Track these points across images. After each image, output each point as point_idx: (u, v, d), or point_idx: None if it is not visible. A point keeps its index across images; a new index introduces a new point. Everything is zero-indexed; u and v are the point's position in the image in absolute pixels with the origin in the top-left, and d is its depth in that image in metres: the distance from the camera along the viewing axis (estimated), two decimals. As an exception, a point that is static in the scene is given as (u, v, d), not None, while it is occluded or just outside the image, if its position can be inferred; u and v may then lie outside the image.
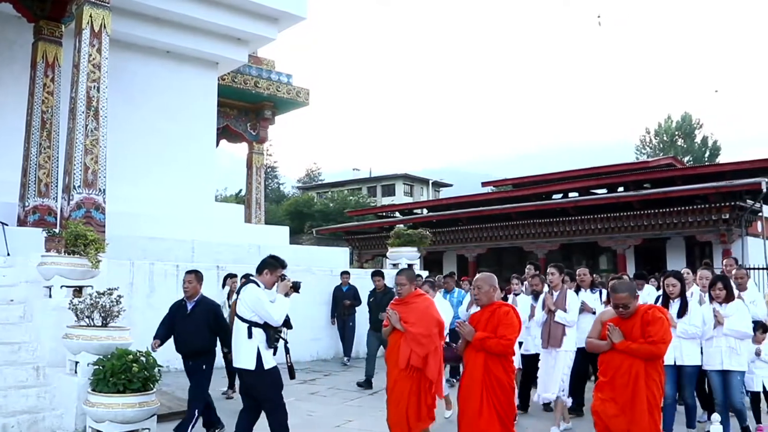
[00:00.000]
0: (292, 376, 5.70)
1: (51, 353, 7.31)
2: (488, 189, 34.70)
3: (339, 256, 14.55)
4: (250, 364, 5.41)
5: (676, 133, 51.65)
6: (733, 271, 8.14)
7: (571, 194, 25.63)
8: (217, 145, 16.70)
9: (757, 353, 7.14)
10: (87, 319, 6.61)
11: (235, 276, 9.15)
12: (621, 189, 24.31)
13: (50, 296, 7.66)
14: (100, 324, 6.58)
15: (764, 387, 7.25)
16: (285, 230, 15.40)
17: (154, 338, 6.56)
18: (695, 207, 20.37)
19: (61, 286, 7.56)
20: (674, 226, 20.95)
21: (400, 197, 48.93)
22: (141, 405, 6.03)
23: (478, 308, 5.61)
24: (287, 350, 5.70)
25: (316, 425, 7.36)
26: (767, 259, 19.00)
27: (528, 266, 9.06)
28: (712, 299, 6.93)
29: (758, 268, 17.72)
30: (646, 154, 49.69)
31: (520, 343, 7.99)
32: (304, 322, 11.29)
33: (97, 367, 6.20)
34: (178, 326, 6.55)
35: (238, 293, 5.82)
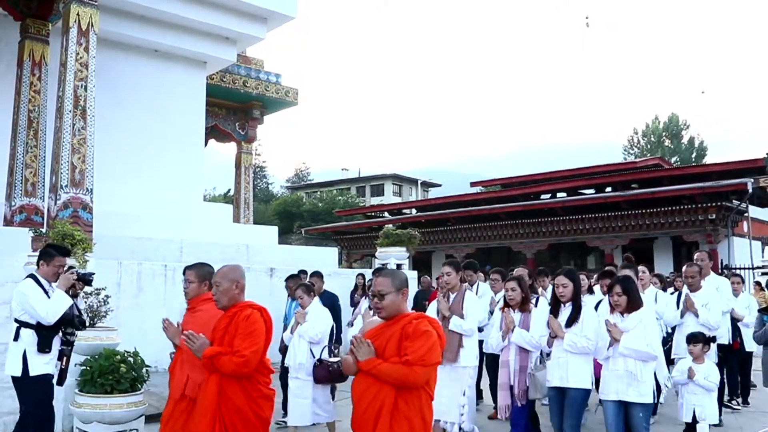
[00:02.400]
0: (60, 382, 5.15)
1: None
2: (477, 189, 34.81)
3: (328, 256, 14.55)
4: (15, 370, 4.91)
5: (664, 133, 52.01)
6: (684, 268, 7.27)
7: (559, 194, 25.75)
8: (206, 144, 16.65)
9: (690, 376, 5.79)
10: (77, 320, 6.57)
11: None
12: (609, 189, 24.46)
13: (37, 296, 7.61)
14: (87, 324, 6.55)
15: (695, 417, 5.76)
16: (274, 230, 15.37)
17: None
18: (682, 207, 20.53)
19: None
20: (661, 226, 21.11)
21: (389, 197, 48.95)
22: (129, 405, 6.00)
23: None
24: (63, 353, 5.07)
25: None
26: (753, 259, 19.16)
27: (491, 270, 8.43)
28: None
29: (744, 268, 17.88)
30: (634, 155, 49.99)
31: None
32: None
33: (84, 367, 6.17)
34: None
35: None
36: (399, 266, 14.05)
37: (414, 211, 32.18)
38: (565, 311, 5.32)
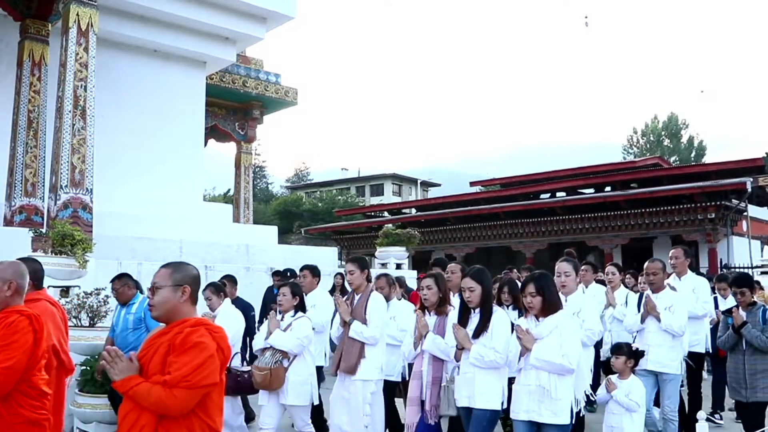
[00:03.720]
0: None
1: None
2: (476, 189, 34.82)
3: (327, 256, 14.55)
4: None
5: (663, 133, 52.05)
6: (645, 264, 6.41)
7: (558, 194, 25.78)
8: (206, 144, 16.65)
9: (608, 389, 5.18)
10: (74, 320, 6.58)
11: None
12: (608, 189, 24.48)
13: (37, 296, 7.61)
14: (87, 324, 6.56)
15: None
16: (273, 230, 15.37)
17: None
18: (681, 207, 20.56)
19: (48, 287, 7.51)
20: (661, 225, 21.14)
21: (388, 197, 48.97)
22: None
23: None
24: None
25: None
26: (752, 259, 19.18)
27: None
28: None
29: (743, 267, 17.89)
30: (633, 154, 50.03)
31: None
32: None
33: (84, 367, 6.18)
34: None
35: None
36: (399, 266, 14.08)
37: (414, 210, 32.20)
38: (475, 319, 4.57)
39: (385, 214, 32.74)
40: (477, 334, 4.49)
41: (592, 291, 7.50)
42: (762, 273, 15.70)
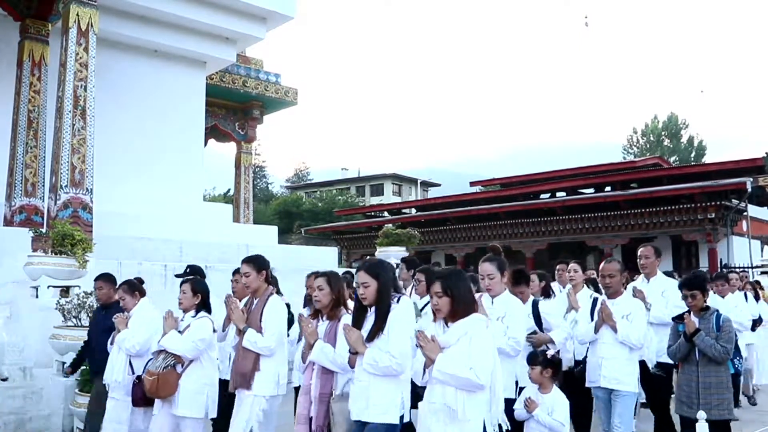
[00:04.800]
0: None
1: (38, 354, 7.26)
2: (476, 189, 34.84)
3: (328, 256, 14.54)
4: None
5: (663, 133, 52.09)
6: (601, 265, 5.63)
7: (558, 194, 25.79)
8: (206, 144, 16.65)
9: (527, 407, 4.61)
10: (74, 320, 6.60)
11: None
12: (608, 189, 24.49)
13: (37, 296, 7.64)
14: (87, 324, 6.56)
15: None
16: (273, 230, 15.37)
17: None
18: (681, 206, 20.58)
19: (48, 287, 7.54)
20: (661, 225, 21.15)
21: (388, 197, 48.99)
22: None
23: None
24: None
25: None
26: (752, 259, 19.18)
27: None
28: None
29: (743, 267, 17.89)
30: (633, 154, 50.07)
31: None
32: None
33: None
34: None
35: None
36: (399, 266, 14.06)
37: (413, 210, 32.21)
38: (371, 319, 3.95)
39: (385, 214, 32.75)
40: (372, 336, 3.83)
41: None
42: (762, 273, 15.71)
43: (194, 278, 5.55)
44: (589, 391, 5.59)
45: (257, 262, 4.92)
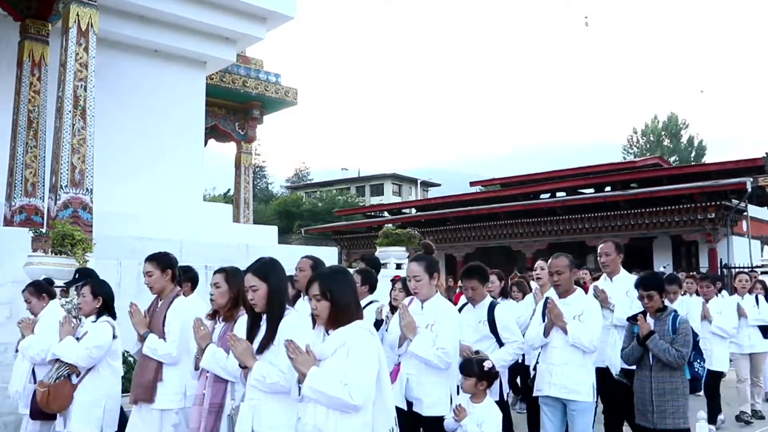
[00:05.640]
0: None
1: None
2: (476, 189, 34.85)
3: (327, 256, 14.51)
4: None
5: (663, 133, 52.13)
6: (549, 261, 5.14)
7: (558, 194, 25.79)
8: (206, 144, 16.65)
9: (457, 417, 4.13)
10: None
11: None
12: (608, 189, 24.49)
13: (37, 296, 7.61)
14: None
15: None
16: (273, 230, 15.37)
17: None
18: (681, 206, 20.58)
19: (48, 287, 7.51)
20: (661, 225, 21.15)
21: (388, 197, 48.99)
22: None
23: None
24: None
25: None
26: (752, 259, 19.18)
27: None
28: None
29: (743, 267, 17.88)
30: (633, 154, 50.09)
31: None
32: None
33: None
34: None
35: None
36: (399, 266, 14.07)
37: (414, 210, 32.20)
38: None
39: (385, 214, 32.75)
40: (262, 347, 3.33)
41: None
42: (762, 273, 15.70)
43: (93, 281, 5.06)
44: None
45: (161, 261, 4.51)
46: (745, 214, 21.29)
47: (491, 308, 4.90)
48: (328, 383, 2.89)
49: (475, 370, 4.17)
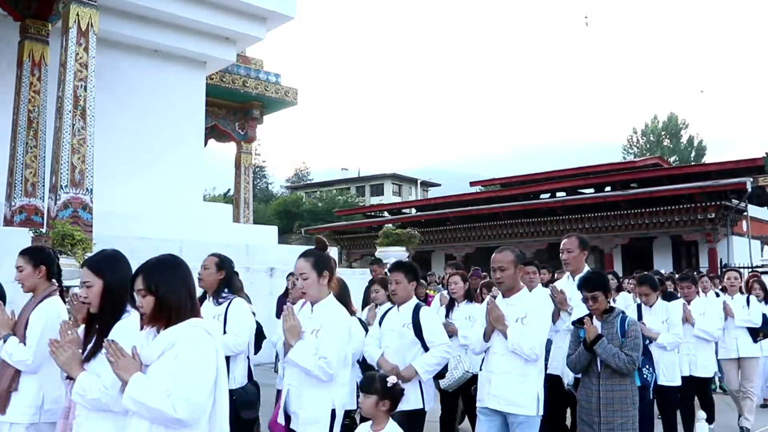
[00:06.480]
0: None
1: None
2: (476, 189, 34.84)
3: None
4: None
5: (663, 133, 52.11)
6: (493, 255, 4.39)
7: (558, 194, 25.78)
8: (206, 144, 16.65)
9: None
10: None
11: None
12: (608, 189, 24.48)
13: (37, 296, 7.61)
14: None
15: None
16: (273, 230, 15.38)
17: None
18: (681, 207, 20.57)
19: (48, 287, 7.52)
20: (661, 225, 21.15)
21: (388, 197, 48.98)
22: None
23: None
24: None
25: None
26: (752, 259, 19.18)
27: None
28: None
29: (743, 267, 17.89)
30: (633, 154, 50.08)
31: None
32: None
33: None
34: None
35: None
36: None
37: (413, 210, 32.20)
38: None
39: (385, 214, 32.74)
40: (89, 355, 2.84)
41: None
42: (762, 273, 15.69)
43: None
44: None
45: (34, 255, 4.00)
46: (745, 214, 21.29)
47: (416, 310, 4.54)
48: (149, 393, 2.40)
49: (376, 387, 3.55)
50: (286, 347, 3.64)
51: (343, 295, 4.46)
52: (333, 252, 15.25)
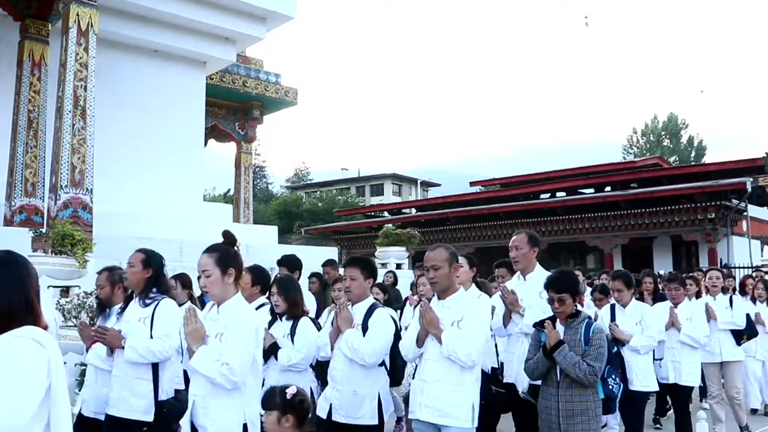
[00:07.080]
0: None
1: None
2: (476, 189, 34.83)
3: (328, 256, 14.54)
4: None
5: (663, 133, 52.11)
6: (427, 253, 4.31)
7: (558, 194, 25.79)
8: (206, 144, 16.65)
9: None
10: (74, 320, 6.58)
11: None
12: (608, 189, 24.49)
13: (37, 296, 7.62)
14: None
15: None
16: (273, 230, 15.38)
17: None
18: (681, 207, 20.58)
19: (48, 287, 7.52)
20: (661, 225, 21.15)
21: (388, 197, 48.97)
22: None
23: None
24: None
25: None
26: (752, 258, 19.18)
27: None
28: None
29: (743, 267, 17.89)
30: (633, 154, 50.08)
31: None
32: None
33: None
34: None
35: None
36: (399, 266, 14.09)
37: (414, 210, 32.20)
38: None
39: (385, 214, 32.74)
40: None
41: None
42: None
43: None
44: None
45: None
46: (745, 214, 21.30)
47: (370, 311, 4.18)
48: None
49: (276, 402, 3.09)
50: (189, 353, 3.29)
51: (293, 294, 4.33)
52: (332, 252, 15.25)
